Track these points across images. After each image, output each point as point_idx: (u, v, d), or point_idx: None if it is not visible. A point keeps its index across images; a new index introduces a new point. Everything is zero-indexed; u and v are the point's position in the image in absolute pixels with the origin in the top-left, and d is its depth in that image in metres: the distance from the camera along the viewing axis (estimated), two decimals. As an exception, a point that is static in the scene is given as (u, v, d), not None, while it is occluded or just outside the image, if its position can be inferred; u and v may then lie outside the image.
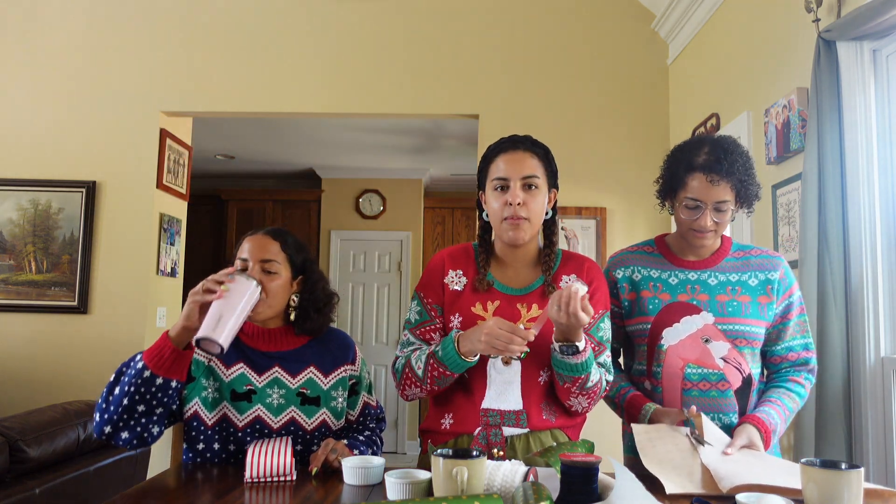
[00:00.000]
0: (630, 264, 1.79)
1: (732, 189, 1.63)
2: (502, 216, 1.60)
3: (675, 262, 1.75)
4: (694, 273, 1.72)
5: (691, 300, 1.70)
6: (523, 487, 1.18)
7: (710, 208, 1.63)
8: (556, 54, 3.80)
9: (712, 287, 1.70)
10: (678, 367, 1.68)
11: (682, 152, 1.70)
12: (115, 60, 3.86)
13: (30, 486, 2.10)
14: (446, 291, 1.68)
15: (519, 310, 1.62)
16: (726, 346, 1.67)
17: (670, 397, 1.69)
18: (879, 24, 1.96)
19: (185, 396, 1.66)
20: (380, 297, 6.49)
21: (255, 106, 3.83)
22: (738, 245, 1.77)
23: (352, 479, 1.44)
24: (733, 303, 1.68)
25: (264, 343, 1.73)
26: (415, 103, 3.81)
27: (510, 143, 1.66)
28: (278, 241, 1.73)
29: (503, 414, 1.59)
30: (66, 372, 3.69)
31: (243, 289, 1.52)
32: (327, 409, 1.73)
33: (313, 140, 5.58)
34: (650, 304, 1.72)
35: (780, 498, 1.21)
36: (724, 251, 1.75)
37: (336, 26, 3.84)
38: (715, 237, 1.70)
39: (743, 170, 1.63)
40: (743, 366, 1.67)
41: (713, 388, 1.66)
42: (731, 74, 3.01)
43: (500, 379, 1.60)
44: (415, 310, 1.72)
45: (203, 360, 1.67)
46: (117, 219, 3.78)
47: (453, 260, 1.71)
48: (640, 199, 3.71)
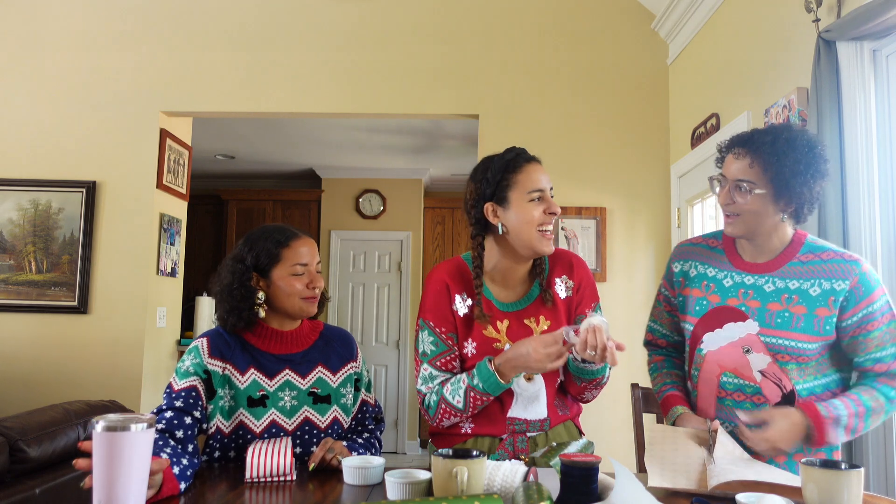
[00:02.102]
0: (689, 258, 1.72)
1: (756, 169, 1.51)
2: (539, 225, 1.61)
3: (735, 261, 1.65)
4: (751, 276, 1.61)
5: (741, 305, 1.60)
6: (523, 487, 1.18)
7: (730, 184, 1.55)
8: (556, 54, 3.80)
9: (766, 294, 1.58)
10: (715, 373, 1.62)
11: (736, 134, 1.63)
12: (115, 60, 3.86)
13: (30, 486, 2.10)
14: (457, 319, 1.67)
15: (528, 325, 1.64)
16: (766, 359, 1.56)
17: (704, 404, 1.65)
18: (879, 24, 1.96)
19: (209, 413, 1.65)
20: (380, 297, 6.49)
21: (255, 106, 3.83)
22: (810, 245, 1.61)
23: (352, 479, 1.44)
24: (784, 313, 1.56)
25: (276, 346, 1.74)
26: (415, 103, 3.81)
27: (529, 156, 1.67)
28: (315, 242, 1.84)
29: (529, 423, 1.63)
30: (66, 372, 3.69)
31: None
32: (338, 406, 1.75)
33: (313, 140, 5.58)
34: (697, 304, 1.67)
35: (780, 498, 1.21)
36: (791, 253, 1.60)
37: (336, 26, 3.84)
38: (739, 224, 1.57)
39: (773, 154, 1.49)
40: (783, 381, 1.56)
41: (747, 400, 1.58)
42: (731, 74, 3.01)
43: (527, 392, 1.63)
44: (427, 340, 1.67)
45: (219, 369, 1.67)
46: (117, 219, 3.78)
47: (455, 283, 1.69)
48: (640, 199, 3.71)
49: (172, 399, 1.62)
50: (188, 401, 1.62)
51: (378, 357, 6.41)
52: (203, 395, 1.64)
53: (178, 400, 1.61)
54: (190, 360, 1.67)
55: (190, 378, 1.64)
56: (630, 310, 3.58)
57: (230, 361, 1.68)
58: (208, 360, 1.66)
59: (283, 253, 1.72)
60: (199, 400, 1.63)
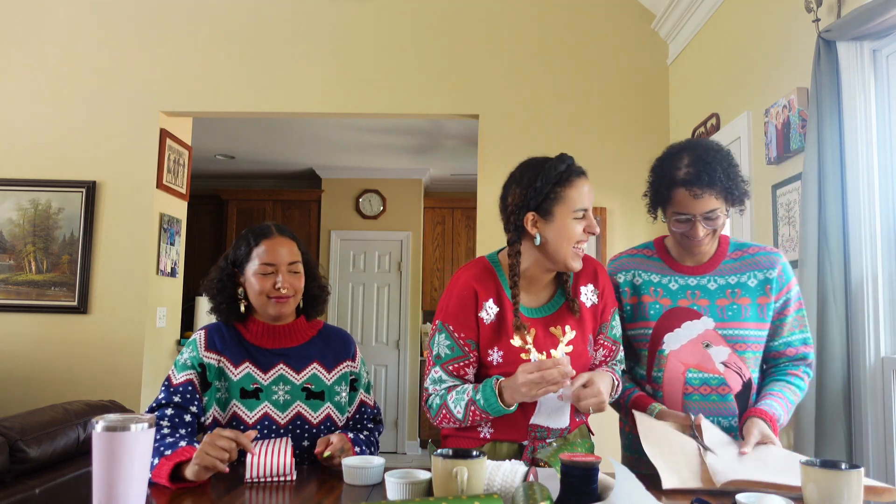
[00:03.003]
0: (631, 268, 1.79)
1: (718, 197, 1.62)
2: (577, 242, 1.60)
3: (674, 266, 1.76)
4: (693, 278, 1.72)
5: (692, 305, 1.70)
6: (523, 487, 1.18)
7: (699, 219, 1.63)
8: (556, 54, 3.80)
9: (712, 292, 1.70)
10: (679, 371, 1.68)
11: (662, 167, 1.70)
12: (115, 60, 3.86)
13: (30, 486, 2.10)
14: (482, 326, 1.62)
15: (554, 334, 1.60)
16: (726, 350, 1.67)
17: (671, 402, 1.70)
18: (879, 24, 1.96)
19: (205, 404, 1.70)
20: (380, 297, 6.49)
21: (255, 106, 3.83)
22: (735, 244, 1.77)
23: (352, 479, 1.44)
24: (733, 306, 1.68)
25: (269, 341, 1.76)
26: (415, 103, 3.81)
27: (580, 169, 1.65)
28: (294, 241, 1.80)
29: (550, 431, 1.62)
30: (66, 372, 3.69)
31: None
32: (331, 403, 1.75)
33: (313, 140, 5.58)
34: (651, 308, 1.73)
35: (780, 498, 1.21)
36: (722, 254, 1.74)
37: (336, 26, 3.84)
38: (712, 241, 1.70)
39: (725, 177, 1.61)
40: (743, 370, 1.67)
41: (714, 392, 1.67)
42: (731, 74, 3.01)
43: (547, 405, 1.61)
44: (444, 343, 1.64)
45: (213, 362, 1.71)
46: (117, 219, 3.78)
47: (484, 289, 1.64)
48: (639, 199, 3.65)
49: (171, 394, 1.68)
50: (185, 395, 1.68)
51: (378, 357, 6.41)
52: (199, 387, 1.70)
53: (176, 395, 1.68)
54: (188, 354, 1.73)
55: (187, 371, 1.70)
56: (630, 310, 3.58)
57: (225, 354, 1.72)
58: (204, 353, 1.71)
59: (253, 251, 1.75)
60: (196, 393, 1.69)
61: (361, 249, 6.52)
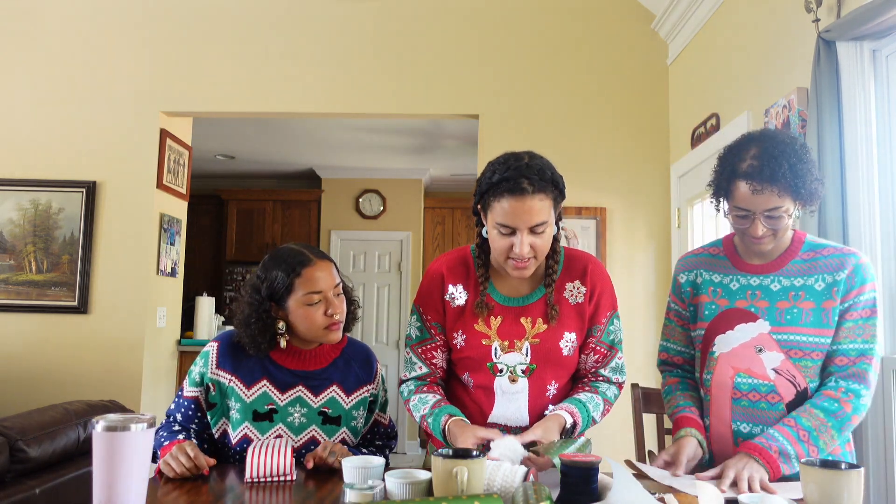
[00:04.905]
0: (694, 268, 1.72)
1: (782, 194, 1.48)
2: (507, 256, 1.52)
3: (738, 265, 1.65)
4: (756, 278, 1.62)
5: (749, 307, 1.60)
6: (523, 487, 1.18)
7: (760, 216, 1.51)
8: (557, 54, 3.80)
9: (773, 293, 1.59)
10: (728, 375, 1.61)
11: (728, 156, 1.58)
12: (115, 60, 3.86)
13: (30, 486, 2.10)
14: (447, 309, 1.65)
15: (522, 324, 1.60)
16: (780, 356, 1.57)
17: (718, 406, 1.63)
18: (879, 24, 1.96)
19: (210, 421, 1.71)
20: (380, 298, 6.49)
21: (255, 106, 3.83)
22: (810, 244, 1.62)
23: (352, 479, 1.44)
24: (793, 310, 1.57)
25: (293, 362, 1.72)
26: (415, 103, 3.81)
27: (517, 187, 1.46)
28: (332, 263, 1.72)
29: (509, 429, 1.61)
30: (66, 372, 3.69)
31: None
32: (347, 428, 1.73)
33: (313, 140, 5.58)
34: (706, 309, 1.66)
35: (780, 498, 1.22)
36: (792, 253, 1.61)
37: (336, 26, 3.84)
38: (774, 240, 1.56)
39: (791, 173, 1.47)
40: (798, 379, 1.56)
41: (763, 399, 1.58)
42: (731, 74, 3.01)
43: (505, 396, 1.61)
44: (415, 325, 1.70)
45: (224, 381, 1.69)
46: (117, 219, 3.78)
47: (453, 274, 1.65)
48: (640, 199, 3.72)
49: (178, 407, 1.73)
50: (187, 413, 1.71)
51: (378, 357, 6.40)
52: (203, 405, 1.72)
53: (179, 411, 1.72)
54: (198, 368, 1.72)
55: (194, 389, 1.72)
56: (630, 310, 3.58)
57: (237, 374, 1.69)
58: (213, 371, 1.70)
59: (295, 282, 1.65)
60: (199, 412, 1.72)
61: (361, 249, 6.52)
